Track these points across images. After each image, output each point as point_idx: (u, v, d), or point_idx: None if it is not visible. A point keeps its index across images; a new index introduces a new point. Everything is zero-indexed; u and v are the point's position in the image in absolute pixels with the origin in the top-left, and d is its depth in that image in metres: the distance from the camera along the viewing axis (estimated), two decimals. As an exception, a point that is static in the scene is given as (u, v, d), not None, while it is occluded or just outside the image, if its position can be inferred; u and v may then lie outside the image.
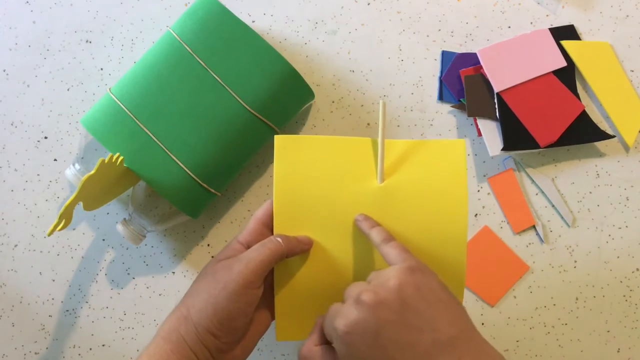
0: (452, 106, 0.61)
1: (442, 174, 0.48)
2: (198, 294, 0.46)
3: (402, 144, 0.49)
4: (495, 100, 0.60)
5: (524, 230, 0.61)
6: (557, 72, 0.61)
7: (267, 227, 0.48)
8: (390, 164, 0.49)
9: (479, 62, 0.60)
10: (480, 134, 0.60)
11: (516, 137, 0.59)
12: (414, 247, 0.48)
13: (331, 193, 0.48)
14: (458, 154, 0.48)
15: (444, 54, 0.62)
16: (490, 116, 0.60)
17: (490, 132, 0.60)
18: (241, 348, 0.47)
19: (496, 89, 0.59)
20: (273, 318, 0.49)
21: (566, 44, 0.61)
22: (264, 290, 0.48)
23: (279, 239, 0.46)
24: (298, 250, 0.47)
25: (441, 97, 0.62)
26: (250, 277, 0.44)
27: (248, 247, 0.47)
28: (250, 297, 0.45)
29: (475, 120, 0.61)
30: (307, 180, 0.48)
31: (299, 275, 0.48)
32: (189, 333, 0.44)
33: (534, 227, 0.61)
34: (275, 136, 0.49)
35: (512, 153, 0.61)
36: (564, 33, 0.62)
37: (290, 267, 0.48)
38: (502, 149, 0.59)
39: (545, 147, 0.59)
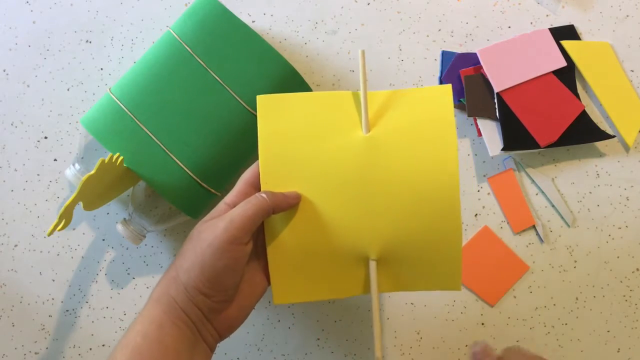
0: None
1: (429, 120, 0.47)
2: (185, 254, 0.45)
3: (386, 94, 0.48)
4: (495, 100, 0.60)
5: (524, 230, 0.61)
6: (557, 72, 0.61)
7: (255, 188, 0.48)
8: (375, 114, 0.48)
9: (479, 62, 0.60)
10: (480, 134, 0.60)
11: (516, 137, 0.59)
12: (404, 195, 0.47)
13: (317, 147, 0.47)
14: (445, 99, 0.47)
15: (444, 54, 0.62)
16: (490, 116, 0.60)
17: (490, 132, 0.60)
18: (236, 308, 0.46)
19: (496, 89, 0.59)
20: (269, 281, 0.48)
21: (566, 44, 0.61)
22: (258, 251, 0.47)
23: (263, 195, 0.45)
24: (285, 206, 0.46)
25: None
26: (235, 232, 0.43)
27: (234, 207, 0.46)
28: (237, 252, 0.44)
29: (475, 120, 0.61)
30: (292, 137, 0.47)
31: (290, 233, 0.47)
32: (179, 294, 0.44)
33: (534, 227, 0.61)
34: (258, 96, 0.48)
35: (512, 153, 0.61)
36: (564, 33, 0.62)
37: (280, 225, 0.47)
38: (502, 149, 0.59)
39: (545, 147, 0.59)
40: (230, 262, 0.44)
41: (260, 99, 0.48)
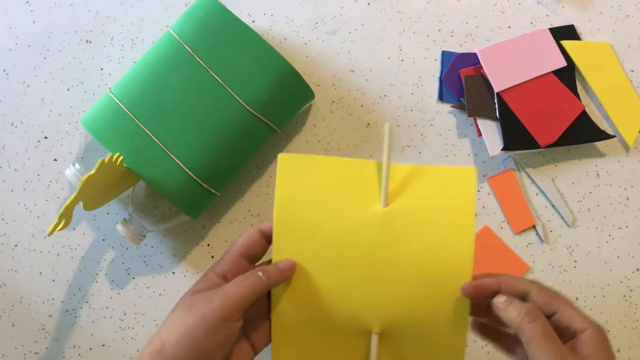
0: (452, 106, 0.61)
1: (449, 201, 0.46)
2: (173, 326, 0.43)
3: (409, 168, 0.47)
4: (495, 100, 0.60)
5: (524, 230, 0.61)
6: (557, 72, 0.61)
7: (246, 258, 0.47)
8: (395, 188, 0.46)
9: (479, 62, 0.61)
10: (480, 134, 0.60)
11: (516, 137, 0.59)
12: (414, 275, 0.46)
13: (332, 216, 0.46)
14: (467, 181, 0.46)
15: (444, 54, 0.62)
16: (491, 116, 0.60)
17: (490, 132, 0.60)
18: None
19: (496, 89, 0.59)
20: (254, 351, 0.47)
21: (566, 44, 0.61)
22: (246, 322, 0.46)
23: (260, 273, 0.44)
24: (281, 279, 0.45)
25: (441, 97, 0.62)
26: (230, 311, 0.42)
27: (225, 278, 0.45)
28: (230, 329, 0.43)
29: (475, 120, 0.61)
30: (309, 202, 0.46)
31: (295, 302, 0.46)
32: None
33: (534, 227, 0.61)
34: (280, 155, 0.47)
35: (512, 153, 0.61)
36: (564, 33, 0.62)
37: (287, 293, 0.46)
38: (502, 149, 0.59)
39: (545, 147, 0.59)
40: (222, 338, 0.43)
41: (282, 159, 0.47)
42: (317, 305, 0.46)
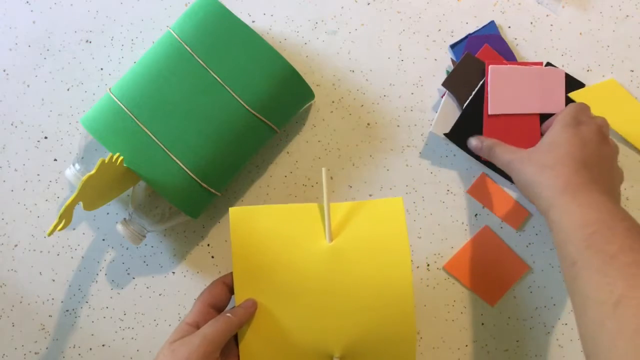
0: (452, 61, 0.61)
1: (384, 228, 0.51)
2: None
3: (347, 205, 0.52)
4: (472, 95, 0.59)
5: (524, 230, 0.61)
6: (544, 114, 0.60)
7: (213, 307, 0.51)
8: (338, 224, 0.52)
9: (503, 53, 0.60)
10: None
11: (464, 136, 0.59)
12: (364, 299, 0.50)
13: (286, 256, 0.51)
14: (397, 210, 0.51)
15: (492, 22, 0.62)
16: (459, 99, 0.59)
17: (448, 111, 0.59)
18: None
19: (491, 111, 0.58)
20: None
21: (574, 95, 0.60)
22: None
23: (228, 314, 0.49)
24: (247, 316, 0.50)
25: (452, 48, 0.62)
26: (210, 347, 0.47)
27: (197, 326, 0.49)
28: None
29: (444, 93, 0.60)
30: (263, 247, 0.51)
31: (260, 336, 0.51)
32: None
33: (530, 216, 0.61)
34: (230, 209, 0.52)
35: (454, 147, 0.61)
36: (573, 85, 0.61)
37: (252, 328, 0.51)
38: (445, 134, 0.59)
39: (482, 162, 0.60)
40: None
41: (233, 212, 0.51)
42: (280, 337, 0.51)
